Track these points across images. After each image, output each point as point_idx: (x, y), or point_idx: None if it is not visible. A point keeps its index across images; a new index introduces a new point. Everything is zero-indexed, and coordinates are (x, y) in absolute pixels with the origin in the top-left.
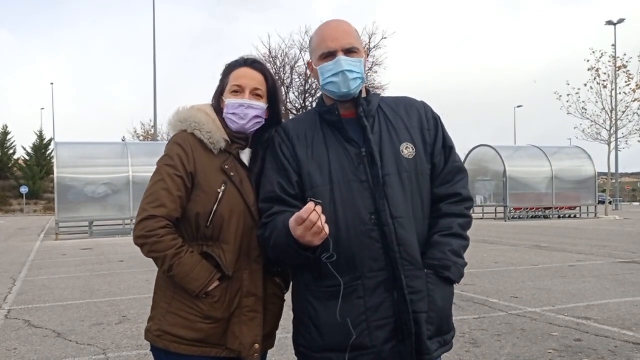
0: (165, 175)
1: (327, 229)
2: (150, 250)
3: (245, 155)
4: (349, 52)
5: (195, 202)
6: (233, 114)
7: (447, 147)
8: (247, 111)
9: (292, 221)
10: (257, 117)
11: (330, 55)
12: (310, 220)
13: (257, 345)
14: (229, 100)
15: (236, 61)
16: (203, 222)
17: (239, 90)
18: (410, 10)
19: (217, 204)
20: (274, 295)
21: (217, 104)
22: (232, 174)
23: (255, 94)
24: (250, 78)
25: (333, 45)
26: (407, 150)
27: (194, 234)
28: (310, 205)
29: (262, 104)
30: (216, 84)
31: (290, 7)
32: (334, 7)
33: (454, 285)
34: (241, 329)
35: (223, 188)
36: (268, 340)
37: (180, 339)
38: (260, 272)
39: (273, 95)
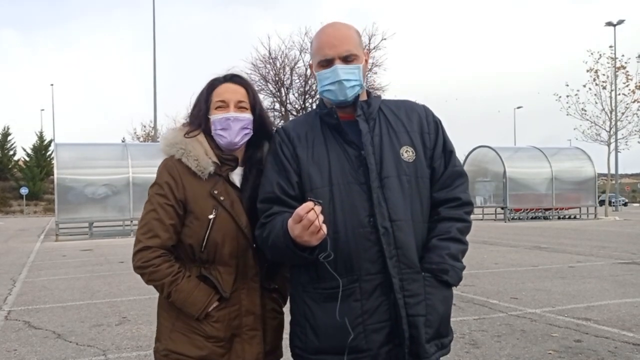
0: (156, 205)
1: (324, 229)
2: (149, 280)
3: (236, 176)
4: (347, 59)
5: (188, 227)
6: (221, 129)
7: (447, 151)
8: (234, 124)
9: (290, 220)
10: (244, 128)
11: (327, 63)
12: (308, 218)
13: None
14: (214, 117)
15: (215, 79)
16: (197, 247)
17: (223, 106)
18: (413, 11)
19: (209, 230)
20: (272, 311)
21: (205, 125)
22: (221, 198)
23: (239, 106)
24: (233, 92)
25: (330, 52)
26: (407, 153)
27: (191, 257)
28: (309, 203)
29: (247, 115)
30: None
31: (299, 7)
32: (343, 8)
33: (452, 288)
34: (243, 348)
35: (214, 214)
36: (273, 354)
37: (186, 357)
38: (257, 290)
39: (255, 107)
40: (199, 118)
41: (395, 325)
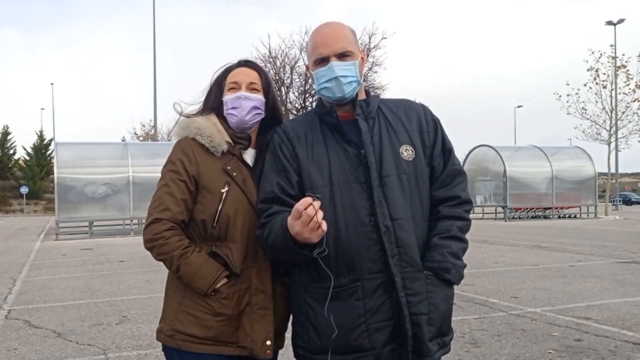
0: (168, 180)
1: (324, 225)
2: (158, 253)
3: (249, 156)
4: (342, 56)
5: (201, 203)
6: (232, 107)
7: (446, 149)
8: (245, 102)
9: (289, 217)
10: (255, 107)
11: (323, 61)
12: (307, 214)
13: (269, 342)
14: (227, 97)
15: (230, 65)
16: (210, 222)
17: (235, 87)
18: (413, 11)
19: (221, 203)
20: (281, 295)
21: (218, 107)
22: (234, 174)
23: (251, 88)
24: (246, 74)
25: (325, 51)
26: (407, 152)
27: (202, 235)
28: (308, 199)
29: (259, 96)
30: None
31: (299, 6)
32: (343, 7)
33: (453, 287)
34: (252, 326)
35: (226, 188)
36: (278, 341)
37: (192, 337)
38: (268, 270)
39: (269, 92)
40: (212, 102)
41: (398, 324)
